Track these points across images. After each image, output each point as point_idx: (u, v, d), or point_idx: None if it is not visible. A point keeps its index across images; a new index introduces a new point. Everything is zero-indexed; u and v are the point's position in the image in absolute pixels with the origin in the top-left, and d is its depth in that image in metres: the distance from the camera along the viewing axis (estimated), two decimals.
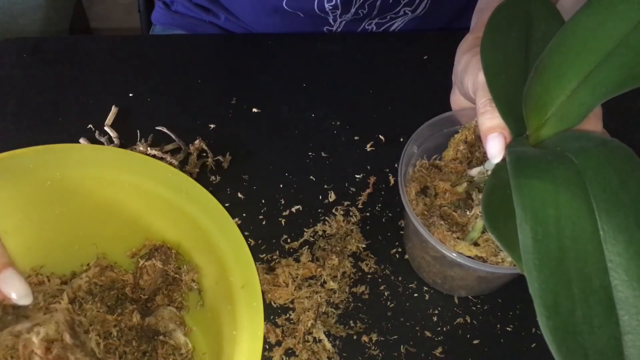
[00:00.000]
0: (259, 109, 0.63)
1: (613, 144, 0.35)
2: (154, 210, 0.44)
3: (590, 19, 0.36)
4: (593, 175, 0.33)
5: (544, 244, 0.30)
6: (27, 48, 0.67)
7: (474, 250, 0.43)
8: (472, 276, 0.47)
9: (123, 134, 0.60)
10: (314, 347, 0.48)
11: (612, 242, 0.31)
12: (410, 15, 0.70)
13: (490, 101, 0.40)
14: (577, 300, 0.30)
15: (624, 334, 0.29)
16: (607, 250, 0.31)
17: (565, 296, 0.29)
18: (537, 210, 0.31)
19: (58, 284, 0.46)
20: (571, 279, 0.30)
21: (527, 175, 0.33)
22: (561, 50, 0.37)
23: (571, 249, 0.31)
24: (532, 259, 0.30)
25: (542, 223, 0.31)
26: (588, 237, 0.31)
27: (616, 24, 0.35)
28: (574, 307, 0.29)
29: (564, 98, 0.37)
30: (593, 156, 0.34)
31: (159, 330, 0.45)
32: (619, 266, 0.30)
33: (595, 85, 0.36)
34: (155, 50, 0.68)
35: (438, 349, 0.49)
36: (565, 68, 0.37)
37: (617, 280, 0.30)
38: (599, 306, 0.30)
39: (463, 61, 0.47)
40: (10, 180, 0.42)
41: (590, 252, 0.31)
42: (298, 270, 0.52)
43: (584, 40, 0.36)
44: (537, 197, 0.32)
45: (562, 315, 0.29)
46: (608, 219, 0.31)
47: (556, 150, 0.36)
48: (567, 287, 0.30)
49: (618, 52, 0.35)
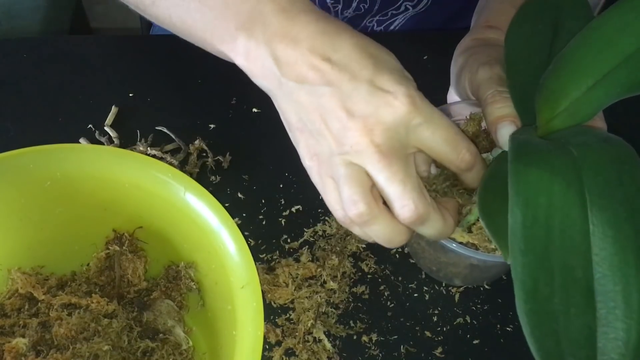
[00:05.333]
0: (259, 109, 0.63)
1: (615, 141, 0.35)
2: (154, 210, 0.44)
3: (615, 20, 0.36)
4: (590, 169, 0.33)
5: (532, 229, 0.31)
6: (27, 48, 0.67)
7: (467, 237, 0.43)
8: (465, 263, 0.47)
9: (123, 134, 0.60)
10: (314, 347, 0.48)
11: (600, 236, 0.31)
12: (411, 11, 0.70)
13: (499, 92, 0.41)
14: (557, 287, 0.30)
15: (600, 326, 0.30)
16: (594, 244, 0.31)
17: (546, 282, 0.30)
18: (530, 197, 0.32)
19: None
20: (554, 266, 0.31)
21: (525, 161, 0.33)
22: (583, 47, 0.37)
23: (558, 238, 0.31)
24: (518, 243, 0.31)
25: (533, 209, 0.31)
26: (577, 228, 0.31)
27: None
28: (552, 294, 0.30)
29: (578, 94, 0.37)
30: (593, 150, 0.34)
31: (158, 328, 0.45)
32: (603, 260, 0.31)
33: (611, 85, 0.36)
34: (155, 50, 0.68)
35: (438, 349, 0.49)
36: (584, 65, 0.37)
37: (600, 273, 0.31)
38: (578, 296, 0.30)
39: (460, 61, 0.47)
40: (10, 180, 0.42)
41: (577, 243, 0.31)
42: (298, 270, 0.52)
43: (608, 40, 0.36)
44: (531, 183, 0.32)
45: (539, 301, 0.30)
46: (599, 213, 0.32)
47: (559, 142, 0.37)
48: (549, 274, 0.30)
49: (638, 55, 0.35)
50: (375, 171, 0.35)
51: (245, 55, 0.37)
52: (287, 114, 0.38)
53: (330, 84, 0.35)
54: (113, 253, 0.47)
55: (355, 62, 0.35)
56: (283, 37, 0.35)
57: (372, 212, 0.36)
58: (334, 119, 0.35)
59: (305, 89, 0.36)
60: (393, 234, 0.37)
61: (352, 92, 0.35)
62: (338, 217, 0.38)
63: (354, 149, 0.35)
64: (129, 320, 0.45)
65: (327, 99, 0.35)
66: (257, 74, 0.38)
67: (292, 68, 0.35)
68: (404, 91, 0.35)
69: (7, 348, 0.41)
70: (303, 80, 0.35)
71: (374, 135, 0.35)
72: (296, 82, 0.36)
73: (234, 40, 0.37)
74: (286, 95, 0.37)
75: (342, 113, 0.35)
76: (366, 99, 0.35)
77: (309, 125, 0.37)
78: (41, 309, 0.45)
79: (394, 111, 0.35)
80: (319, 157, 0.37)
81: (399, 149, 0.36)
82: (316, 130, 0.36)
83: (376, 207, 0.36)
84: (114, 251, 0.47)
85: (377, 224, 0.36)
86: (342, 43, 0.36)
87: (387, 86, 0.35)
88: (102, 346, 0.42)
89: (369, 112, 0.35)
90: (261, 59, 0.36)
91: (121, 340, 0.43)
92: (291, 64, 0.35)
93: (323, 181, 0.38)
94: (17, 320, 0.44)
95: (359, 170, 0.36)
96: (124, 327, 0.44)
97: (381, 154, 0.35)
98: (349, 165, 0.35)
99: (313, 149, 0.37)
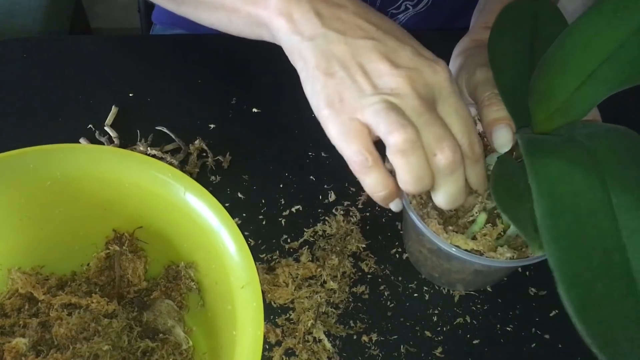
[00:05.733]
0: (259, 109, 0.63)
1: (621, 129, 0.37)
2: (154, 210, 0.44)
3: (595, 20, 0.38)
4: (605, 156, 0.34)
5: (562, 217, 0.31)
6: (27, 48, 0.67)
7: (471, 244, 0.43)
8: (469, 269, 0.47)
9: (123, 134, 0.60)
10: (314, 347, 0.48)
11: (627, 217, 0.32)
12: (411, 10, 0.70)
13: (494, 95, 0.42)
14: (598, 272, 0.30)
15: None
16: (623, 227, 0.32)
17: (586, 268, 0.30)
18: (553, 187, 0.32)
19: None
20: (591, 251, 0.31)
21: (540, 155, 0.34)
22: (567, 48, 0.39)
23: (589, 224, 0.31)
24: (550, 233, 0.31)
25: (559, 198, 0.32)
26: (604, 212, 0.32)
27: (620, 26, 0.37)
28: (595, 278, 0.30)
29: (568, 93, 0.39)
30: (604, 138, 0.35)
31: (158, 328, 0.45)
32: (635, 242, 0.31)
33: (600, 81, 0.37)
34: (155, 50, 0.68)
35: (438, 349, 0.49)
36: (570, 65, 0.38)
37: (633, 253, 0.31)
38: (619, 279, 0.30)
39: (458, 62, 0.47)
40: (10, 180, 0.42)
41: (607, 227, 0.32)
42: (298, 270, 0.52)
43: (589, 39, 0.38)
44: (552, 174, 0.33)
45: (583, 286, 0.30)
46: (622, 196, 0.32)
47: (565, 136, 0.38)
48: (588, 259, 0.30)
49: (621, 51, 0.37)
50: (415, 115, 0.36)
51: (281, 9, 0.38)
52: (316, 61, 0.38)
53: (375, 39, 0.37)
54: (113, 253, 0.47)
55: (399, 31, 0.39)
56: (327, 0, 0.38)
57: (417, 142, 0.36)
58: (375, 67, 0.37)
59: (347, 40, 0.37)
60: (426, 171, 0.37)
61: (397, 48, 0.37)
62: (356, 159, 0.37)
63: (394, 92, 0.36)
64: (129, 320, 0.45)
65: (369, 50, 0.37)
66: (287, 27, 0.38)
67: (336, 22, 0.37)
68: (444, 64, 0.38)
69: (7, 348, 0.41)
70: (345, 33, 0.37)
71: (416, 84, 0.36)
72: (337, 33, 0.37)
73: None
74: (321, 44, 0.38)
75: (386, 63, 0.37)
76: (410, 57, 0.37)
77: (342, 71, 0.37)
78: (41, 309, 0.45)
79: (436, 73, 0.37)
80: (345, 101, 0.37)
81: (433, 104, 0.37)
82: (349, 76, 0.37)
83: (420, 139, 0.36)
84: (114, 251, 0.47)
85: (417, 154, 0.36)
86: (384, 18, 0.39)
87: (429, 56, 0.38)
88: (102, 346, 0.42)
89: (413, 66, 0.37)
90: (301, 13, 0.38)
91: (121, 340, 0.43)
92: (335, 18, 0.37)
93: (345, 125, 0.37)
94: (17, 320, 0.44)
95: (399, 108, 0.36)
96: (124, 327, 0.44)
97: (422, 99, 0.36)
98: (387, 101, 0.36)
99: (339, 94, 0.37)
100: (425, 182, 0.37)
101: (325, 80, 0.37)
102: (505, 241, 0.44)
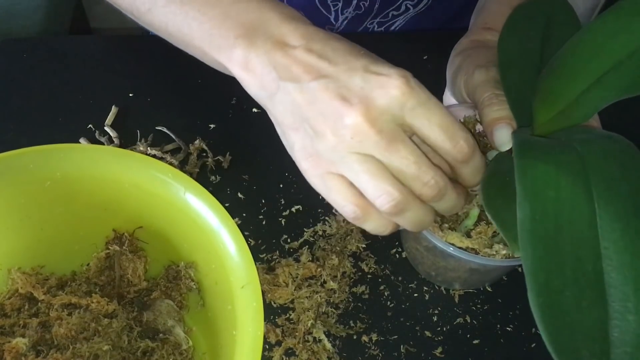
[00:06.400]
0: (259, 109, 0.63)
1: (617, 138, 0.36)
2: (154, 210, 0.44)
3: (608, 25, 0.37)
4: (595, 164, 0.34)
5: (542, 223, 0.31)
6: (27, 48, 0.67)
7: (466, 242, 0.43)
8: (464, 268, 0.47)
9: (123, 134, 0.60)
10: (314, 347, 0.48)
11: (608, 229, 0.31)
12: (411, 11, 0.70)
13: (495, 95, 0.41)
14: (568, 280, 0.30)
15: (612, 319, 0.30)
16: (602, 237, 0.31)
17: (557, 275, 0.30)
18: (538, 191, 0.32)
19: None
20: (565, 259, 0.31)
21: (531, 156, 0.34)
22: (577, 51, 0.38)
23: (567, 231, 0.31)
24: (528, 237, 0.31)
25: (542, 203, 0.32)
26: (585, 221, 0.32)
27: (631, 34, 0.36)
28: (564, 287, 0.30)
29: (574, 96, 0.38)
30: (597, 146, 0.35)
31: (158, 328, 0.45)
32: (613, 253, 0.31)
33: (606, 87, 0.37)
34: (155, 50, 0.68)
35: (438, 349, 0.49)
36: (579, 68, 0.38)
37: (609, 266, 0.31)
38: (589, 289, 0.30)
39: (456, 62, 0.47)
40: (10, 180, 0.42)
41: (586, 237, 0.31)
42: (298, 270, 0.52)
43: (601, 44, 0.37)
44: (538, 178, 0.33)
45: (551, 293, 0.30)
46: (606, 206, 0.32)
47: (561, 139, 0.37)
48: (560, 267, 0.30)
49: (631, 59, 0.36)
50: (385, 159, 0.35)
51: (243, 64, 0.37)
52: (282, 117, 0.37)
53: (327, 77, 0.35)
54: (113, 253, 0.47)
55: (351, 56, 0.36)
56: (283, 45, 0.36)
57: (407, 198, 0.35)
58: (330, 110, 0.35)
59: (302, 87, 0.35)
60: (424, 215, 0.37)
61: (348, 80, 0.35)
62: (347, 213, 0.37)
63: (356, 139, 0.34)
64: (129, 320, 0.45)
65: (322, 92, 0.35)
66: (252, 82, 0.38)
67: (290, 69, 0.36)
68: (398, 72, 0.35)
69: (7, 348, 0.41)
70: (300, 79, 0.35)
71: (370, 116, 0.34)
72: (293, 82, 0.36)
73: (232, 49, 0.37)
74: (282, 98, 0.37)
75: (338, 102, 0.34)
76: (360, 84, 0.35)
77: (305, 123, 0.36)
78: (41, 309, 0.45)
79: (387, 92, 0.34)
80: (318, 156, 0.36)
81: (399, 132, 0.35)
82: (312, 127, 0.36)
83: (408, 191, 0.36)
84: (114, 251, 0.47)
85: (410, 209, 0.36)
86: (337, 44, 0.36)
87: (382, 70, 0.35)
88: (102, 346, 0.42)
89: (364, 95, 0.34)
90: (260, 67, 0.37)
91: (121, 340, 0.43)
92: (289, 65, 0.36)
93: (325, 181, 0.37)
94: (17, 320, 0.44)
95: (372, 159, 0.35)
96: (124, 327, 0.44)
97: (386, 140, 0.34)
98: (360, 158, 0.35)
99: (310, 149, 0.37)
100: (428, 221, 0.38)
101: (295, 135, 0.37)
102: (501, 239, 0.44)
